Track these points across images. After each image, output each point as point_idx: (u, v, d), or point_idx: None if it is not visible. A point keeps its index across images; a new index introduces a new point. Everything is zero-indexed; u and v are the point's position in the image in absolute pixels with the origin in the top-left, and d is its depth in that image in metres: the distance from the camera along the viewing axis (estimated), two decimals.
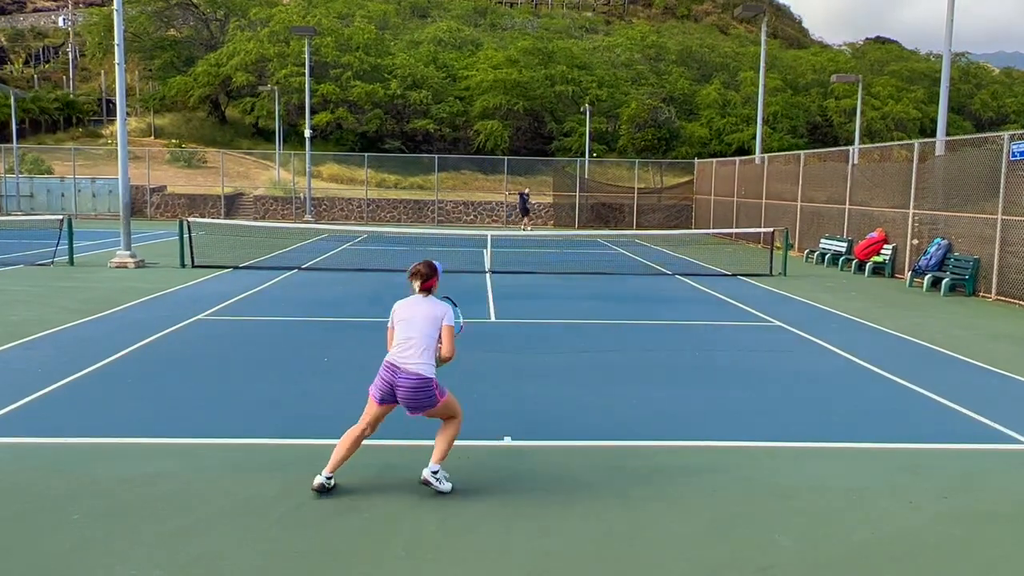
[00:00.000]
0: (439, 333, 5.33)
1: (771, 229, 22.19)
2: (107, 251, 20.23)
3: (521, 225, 34.23)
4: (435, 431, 6.70)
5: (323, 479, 5.31)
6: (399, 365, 5.25)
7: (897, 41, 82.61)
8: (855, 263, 19.58)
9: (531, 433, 6.72)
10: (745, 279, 17.84)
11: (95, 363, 8.74)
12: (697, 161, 37.67)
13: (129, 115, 40.36)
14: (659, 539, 4.77)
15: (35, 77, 61.44)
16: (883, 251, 18.91)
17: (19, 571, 4.26)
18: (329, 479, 5.32)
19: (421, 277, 5.40)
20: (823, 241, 22.08)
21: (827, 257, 21.26)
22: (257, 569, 4.33)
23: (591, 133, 43.63)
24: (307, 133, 36.31)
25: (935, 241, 16.89)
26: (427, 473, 5.32)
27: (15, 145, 39.09)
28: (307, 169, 36.66)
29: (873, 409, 7.63)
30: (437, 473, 5.33)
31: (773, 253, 19.74)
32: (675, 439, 6.67)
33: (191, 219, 19.98)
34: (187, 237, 18.13)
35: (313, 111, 39.27)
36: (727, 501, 5.33)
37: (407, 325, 5.32)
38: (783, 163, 27.31)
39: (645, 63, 56.84)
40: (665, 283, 17.18)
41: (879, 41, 79.66)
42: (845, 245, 20.81)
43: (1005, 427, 7.06)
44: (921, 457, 6.35)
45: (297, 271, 17.72)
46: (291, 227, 27.69)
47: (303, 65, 39.16)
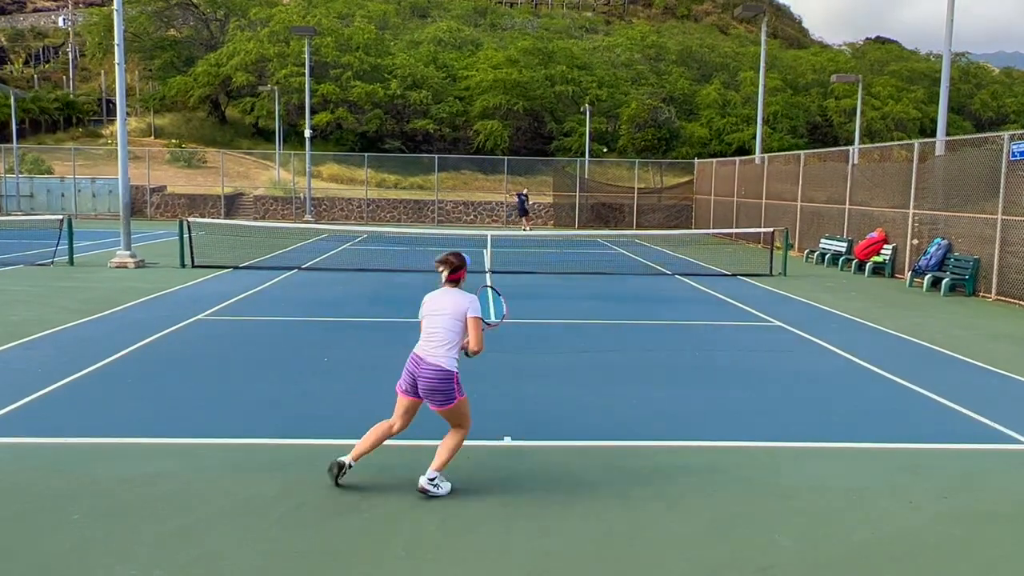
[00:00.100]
0: (464, 326, 5.30)
1: (771, 229, 22.19)
2: (107, 251, 20.24)
3: (521, 225, 34.23)
4: (434, 431, 6.71)
5: (345, 459, 5.37)
6: (423, 357, 5.28)
7: (897, 41, 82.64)
8: (855, 263, 19.58)
9: (531, 433, 6.72)
10: (745, 279, 17.85)
11: (95, 363, 8.74)
12: (697, 161, 37.67)
13: (129, 115, 40.35)
14: (659, 539, 4.77)
15: (35, 77, 61.44)
16: (883, 251, 18.91)
17: (19, 571, 4.26)
18: (350, 465, 5.38)
19: (449, 267, 5.38)
20: (823, 241, 22.08)
21: (827, 257, 21.26)
22: (257, 569, 4.33)
23: (591, 133, 43.62)
24: (307, 133, 36.32)
25: (935, 241, 16.89)
26: (424, 481, 5.28)
27: (15, 145, 39.10)
28: (307, 169, 36.67)
29: (873, 409, 7.63)
30: (434, 480, 5.29)
31: (773, 253, 19.74)
32: (675, 439, 6.67)
33: (191, 219, 19.98)
34: (187, 237, 18.14)
35: (313, 111, 39.27)
36: (727, 501, 5.34)
37: (433, 318, 5.34)
38: (783, 163, 27.31)
39: (645, 63, 56.82)
40: (665, 283, 17.19)
41: (879, 41, 79.67)
42: (845, 245, 20.81)
43: (1005, 427, 7.06)
44: (921, 457, 6.35)
45: (297, 271, 17.73)
46: (291, 227, 27.70)
47: (303, 65, 39.16)
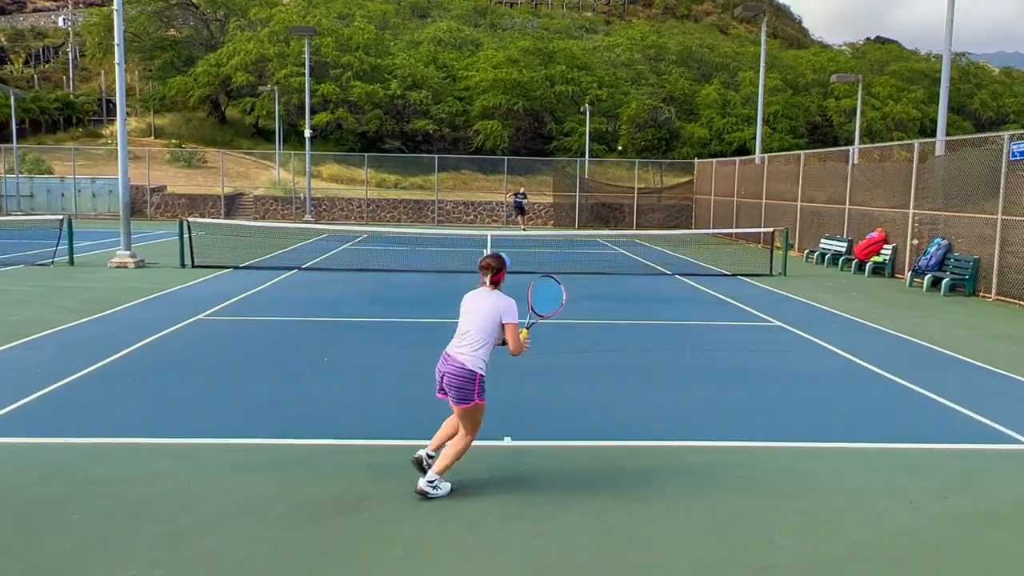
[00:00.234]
0: (499, 329, 5.31)
1: (771, 229, 22.19)
2: (107, 251, 20.24)
3: (518, 225, 34.20)
4: (433, 432, 6.71)
5: (423, 453, 5.51)
6: (451, 353, 5.33)
7: (897, 41, 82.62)
8: (855, 263, 19.58)
9: (531, 433, 6.72)
10: (745, 279, 17.84)
11: (95, 363, 8.74)
12: (697, 161, 37.66)
13: (129, 115, 40.36)
14: (659, 539, 4.77)
15: (35, 77, 61.43)
16: (883, 251, 18.91)
17: (19, 571, 4.26)
18: (431, 456, 5.50)
19: (491, 271, 5.42)
20: (823, 241, 22.07)
21: (827, 257, 21.26)
22: (257, 569, 4.33)
23: (591, 133, 43.62)
24: (307, 133, 36.32)
25: (935, 241, 16.89)
26: (423, 483, 5.28)
27: (15, 145, 39.09)
28: (307, 169, 36.67)
29: (873, 409, 7.63)
30: (434, 482, 5.29)
31: (773, 253, 19.74)
32: (675, 439, 6.67)
33: (191, 219, 19.98)
34: (187, 237, 18.14)
35: (313, 111, 39.26)
36: (727, 501, 5.33)
37: (467, 318, 5.38)
38: (783, 163, 27.30)
39: (645, 63, 56.82)
40: (665, 283, 17.18)
41: (879, 41, 79.67)
42: (845, 245, 20.81)
43: (1005, 427, 7.06)
44: (921, 457, 6.35)
45: (297, 271, 17.72)
46: (291, 227, 27.71)
47: (303, 65, 39.16)
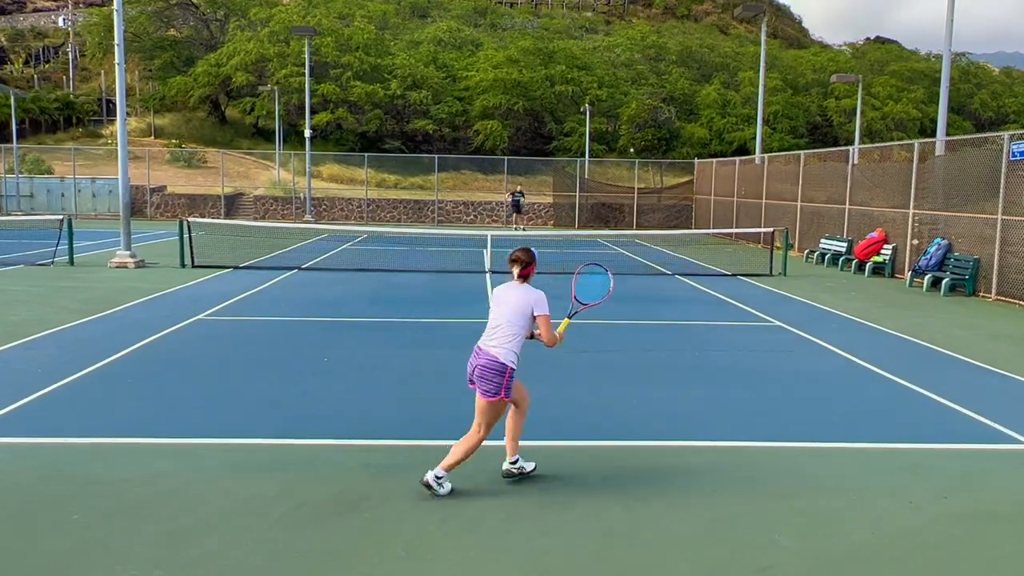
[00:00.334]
0: (529, 322, 5.33)
1: (771, 229, 22.19)
2: (107, 251, 20.24)
3: (515, 224, 34.15)
4: (433, 432, 6.72)
5: (507, 465, 5.56)
6: (482, 347, 5.36)
7: (897, 41, 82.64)
8: (855, 263, 19.57)
9: (531, 433, 6.69)
10: (745, 279, 17.84)
11: (95, 363, 8.74)
12: (697, 161, 37.65)
13: (129, 115, 40.36)
14: (659, 539, 4.77)
15: (35, 77, 61.44)
16: (883, 251, 18.90)
17: (19, 571, 4.26)
18: (513, 462, 5.57)
19: (520, 264, 5.45)
20: (823, 241, 22.07)
21: (827, 257, 21.25)
22: (257, 569, 4.33)
23: (591, 133, 43.62)
24: (307, 133, 36.32)
25: (935, 241, 16.89)
26: (430, 476, 5.26)
27: (15, 145, 39.09)
28: (307, 169, 36.67)
29: (873, 409, 7.63)
30: (441, 479, 5.28)
31: (773, 253, 19.73)
32: (675, 439, 6.68)
33: (191, 219, 19.98)
34: (187, 237, 18.13)
35: (313, 111, 39.26)
36: (727, 501, 5.33)
37: (498, 311, 5.42)
38: (783, 163, 27.30)
39: (645, 63, 56.82)
40: (665, 283, 17.18)
41: (879, 41, 79.68)
42: (845, 245, 20.80)
43: (1005, 427, 7.06)
44: (921, 457, 6.35)
45: (297, 271, 17.72)
46: (291, 227, 27.69)
47: (303, 65, 39.16)
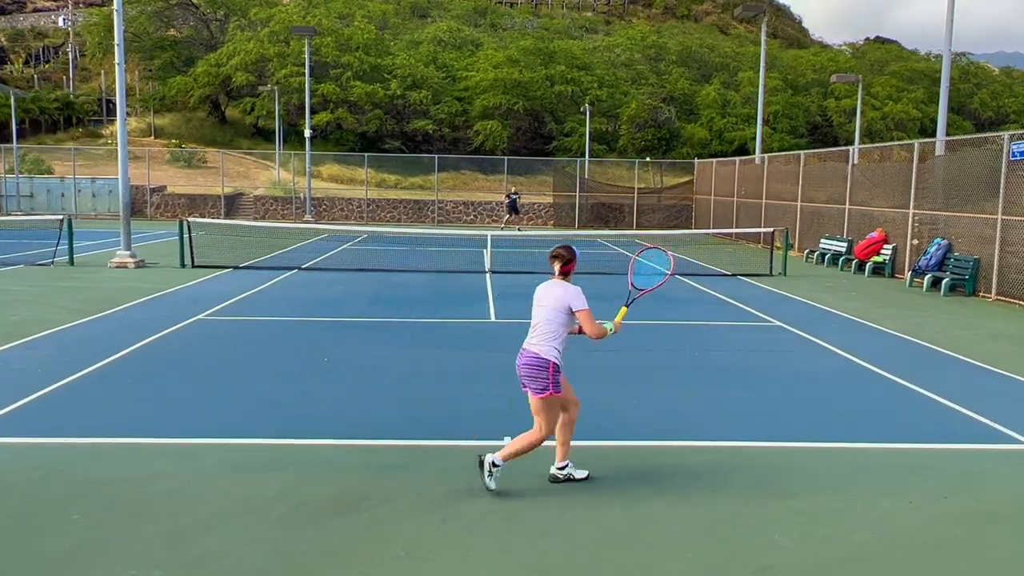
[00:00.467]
0: (567, 318, 5.36)
1: (771, 229, 22.19)
2: (107, 251, 20.24)
3: (511, 224, 34.10)
4: (433, 432, 6.73)
5: (554, 470, 5.56)
6: (525, 347, 5.41)
7: (897, 41, 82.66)
8: (855, 263, 19.57)
9: None
10: (745, 279, 17.84)
11: (95, 363, 8.74)
12: (697, 161, 37.65)
13: (129, 115, 40.35)
14: (659, 539, 4.77)
15: (35, 77, 61.43)
16: (883, 251, 18.91)
17: (19, 571, 4.26)
18: (560, 468, 5.54)
19: (561, 260, 5.47)
20: (823, 241, 22.07)
21: (827, 257, 21.25)
22: (257, 569, 4.33)
23: (591, 133, 43.62)
24: (307, 133, 36.32)
25: (935, 241, 16.88)
26: (489, 459, 5.31)
27: (15, 145, 39.09)
28: (307, 169, 36.67)
29: (873, 409, 7.63)
30: (498, 467, 5.32)
31: (773, 253, 19.73)
32: (675, 439, 6.67)
33: (191, 219, 19.98)
34: (187, 237, 18.14)
35: (313, 111, 39.26)
36: (727, 501, 5.33)
37: (537, 309, 5.46)
38: (783, 163, 27.30)
39: (645, 63, 56.81)
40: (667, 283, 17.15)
41: (879, 41, 79.69)
42: (845, 245, 20.80)
43: (1005, 427, 7.06)
44: (921, 457, 6.35)
45: (297, 271, 17.72)
46: (291, 227, 27.69)
47: (303, 65, 39.16)
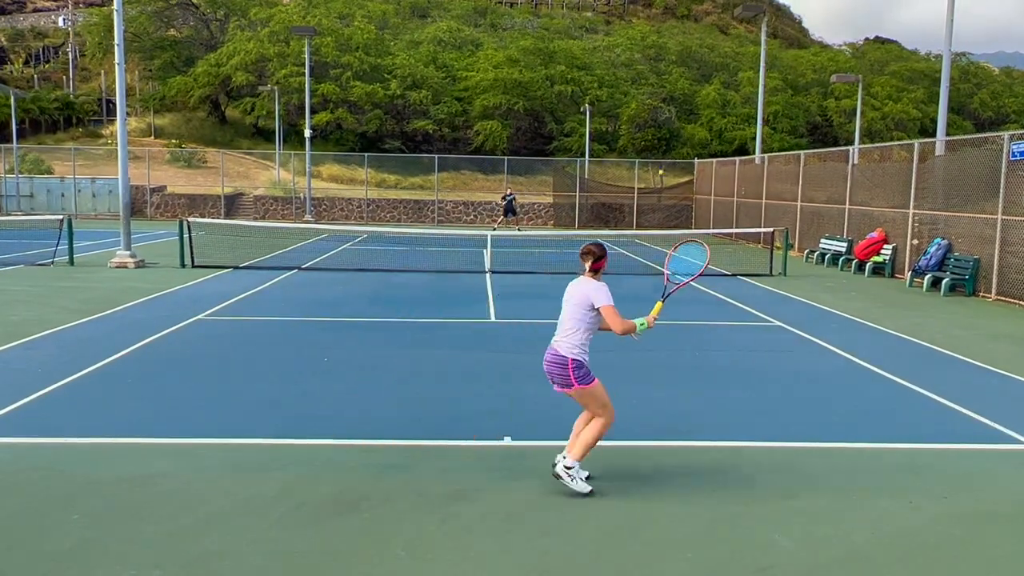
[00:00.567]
0: (590, 315, 5.39)
1: (771, 229, 22.19)
2: (107, 251, 20.23)
3: (515, 226, 34.07)
4: (433, 432, 6.73)
5: (560, 459, 5.52)
6: (551, 344, 5.46)
7: (897, 41, 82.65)
8: (855, 263, 19.57)
9: (531, 433, 6.72)
10: (745, 279, 17.84)
11: (95, 363, 8.74)
12: (697, 161, 37.64)
13: (129, 115, 40.35)
14: (659, 539, 4.77)
15: (35, 77, 61.41)
16: (883, 251, 18.90)
17: (19, 571, 4.26)
18: (568, 466, 5.52)
19: (592, 257, 5.51)
20: (823, 241, 22.07)
21: (827, 257, 21.25)
22: (257, 569, 4.33)
23: (591, 133, 43.62)
24: (307, 133, 36.32)
25: (935, 241, 16.88)
26: (560, 468, 5.30)
27: (15, 145, 39.08)
28: (307, 169, 36.67)
29: (873, 409, 7.63)
30: (572, 469, 5.31)
31: (773, 253, 19.73)
32: (675, 439, 6.68)
33: (191, 219, 19.98)
34: (187, 237, 18.13)
35: (313, 111, 39.26)
36: (727, 501, 5.33)
37: (564, 308, 5.51)
38: (783, 163, 27.30)
39: (645, 63, 56.80)
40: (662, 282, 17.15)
41: (879, 41, 79.69)
42: (845, 245, 20.80)
43: (1005, 427, 7.06)
44: (921, 457, 6.35)
45: (297, 271, 17.72)
46: (291, 227, 27.68)
47: (303, 65, 39.16)
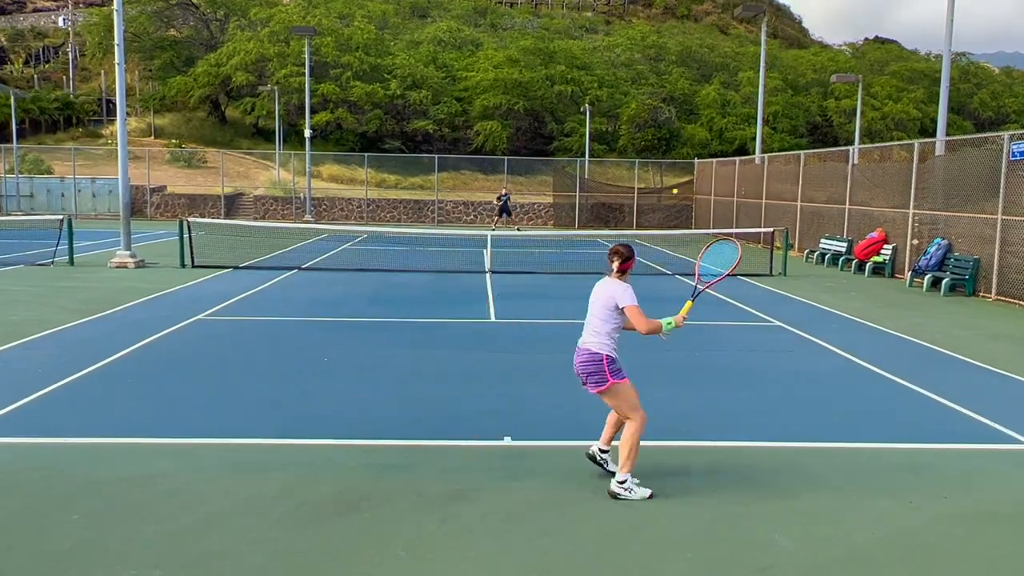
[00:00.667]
0: (615, 315, 5.40)
1: (771, 229, 22.20)
2: (107, 251, 20.23)
3: (514, 226, 34.07)
4: (433, 432, 6.72)
5: (595, 448, 5.71)
6: (579, 344, 5.49)
7: (897, 41, 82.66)
8: (855, 263, 19.57)
9: (531, 433, 6.72)
10: (745, 279, 17.83)
11: (95, 363, 8.74)
12: (697, 161, 37.64)
13: (129, 115, 40.34)
14: (659, 539, 4.77)
15: (35, 77, 61.42)
16: (883, 251, 18.91)
17: (19, 571, 4.26)
18: (603, 450, 5.70)
19: (620, 257, 5.47)
20: (823, 241, 22.07)
21: (827, 257, 21.25)
22: (257, 569, 4.33)
23: (591, 133, 43.61)
24: (307, 133, 36.32)
25: (935, 241, 16.88)
26: (614, 486, 5.27)
27: (15, 145, 39.08)
28: (307, 169, 36.67)
29: (873, 409, 7.63)
30: (624, 483, 5.26)
31: (773, 253, 19.73)
32: (675, 439, 6.67)
33: (191, 219, 19.98)
34: (187, 237, 18.13)
35: (313, 111, 39.26)
36: (727, 501, 5.33)
37: (590, 309, 5.52)
38: (783, 163, 27.29)
39: (645, 63, 56.80)
40: (665, 283, 17.18)
41: (879, 41, 79.70)
42: (845, 245, 20.80)
43: (1005, 427, 7.06)
44: (921, 457, 6.35)
45: (297, 271, 17.72)
46: (291, 227, 27.69)
47: (303, 65, 39.16)
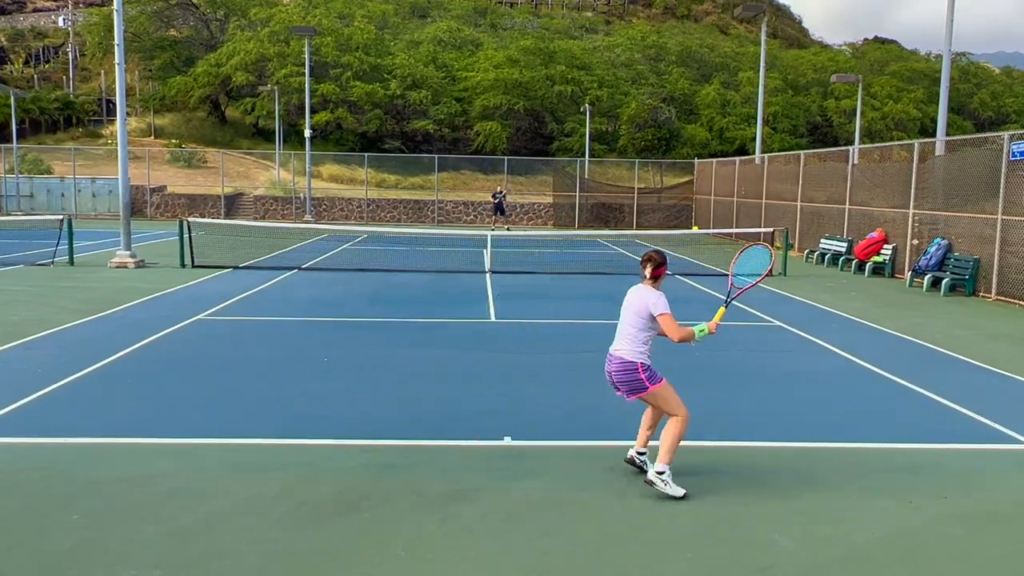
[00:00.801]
0: (649, 323, 5.42)
1: (771, 229, 22.20)
2: (107, 251, 20.23)
3: (504, 225, 34.05)
4: (433, 432, 6.72)
5: (633, 452, 5.75)
6: (611, 352, 5.48)
7: (897, 41, 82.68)
8: (855, 263, 19.57)
9: (531, 433, 6.72)
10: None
11: (95, 363, 8.74)
12: (697, 161, 37.65)
13: (129, 115, 40.36)
14: (659, 539, 4.77)
15: (35, 77, 61.42)
16: (883, 251, 18.91)
17: (19, 571, 4.26)
18: (640, 453, 5.72)
19: (653, 263, 5.55)
20: (823, 241, 22.07)
21: (827, 257, 21.25)
22: (257, 569, 4.33)
23: (591, 133, 43.61)
24: (307, 133, 36.32)
25: (935, 241, 16.89)
26: (652, 475, 5.31)
27: (15, 145, 39.07)
28: (307, 169, 36.67)
29: (873, 409, 7.63)
30: (663, 474, 5.29)
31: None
32: None
33: (191, 219, 19.98)
34: (187, 237, 18.14)
35: (313, 111, 39.26)
36: (727, 501, 5.33)
37: (623, 316, 5.54)
38: (783, 163, 27.30)
39: (645, 63, 56.80)
40: (665, 283, 17.15)
41: (879, 41, 79.71)
42: (845, 245, 20.80)
43: (1005, 427, 7.06)
44: (921, 457, 6.35)
45: (297, 271, 17.72)
46: (291, 227, 27.69)
47: (303, 65, 39.17)
